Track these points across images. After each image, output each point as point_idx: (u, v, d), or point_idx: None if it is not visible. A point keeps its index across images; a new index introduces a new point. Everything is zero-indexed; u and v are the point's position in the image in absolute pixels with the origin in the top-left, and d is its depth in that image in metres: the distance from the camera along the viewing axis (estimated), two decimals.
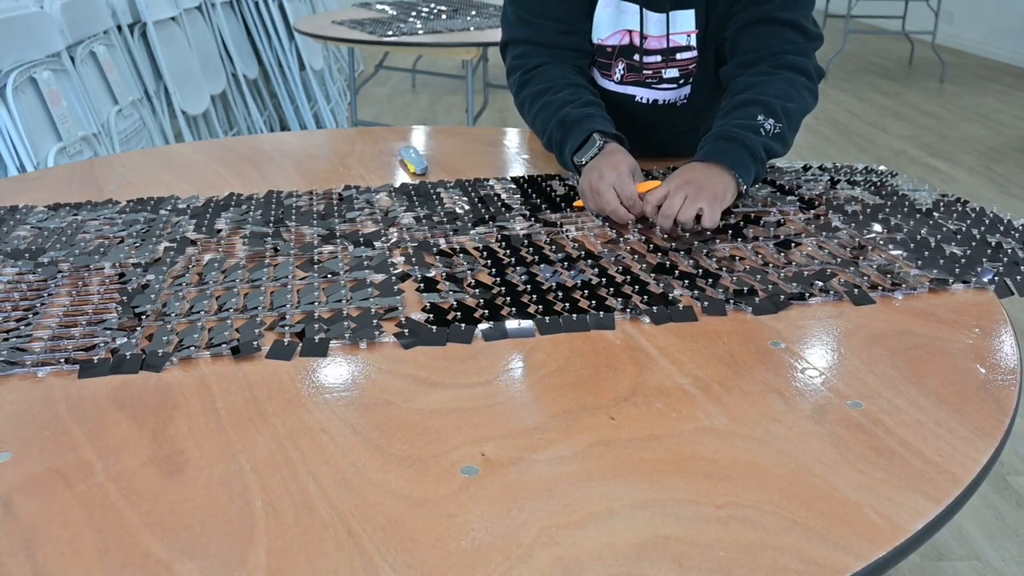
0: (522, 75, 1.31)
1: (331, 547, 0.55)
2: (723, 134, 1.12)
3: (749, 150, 1.10)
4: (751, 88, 1.18)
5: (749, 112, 1.14)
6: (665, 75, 1.29)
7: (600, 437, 0.66)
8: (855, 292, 0.89)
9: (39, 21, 2.58)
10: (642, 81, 1.31)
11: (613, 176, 1.08)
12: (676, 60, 1.28)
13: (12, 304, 0.89)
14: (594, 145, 1.15)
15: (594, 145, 1.15)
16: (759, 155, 1.11)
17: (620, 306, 0.86)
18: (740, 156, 1.09)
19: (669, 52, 1.27)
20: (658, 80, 1.30)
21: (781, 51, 1.21)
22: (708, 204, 1.03)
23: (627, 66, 1.30)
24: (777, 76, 1.18)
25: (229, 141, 1.56)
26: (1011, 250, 1.01)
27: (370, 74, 5.02)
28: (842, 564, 0.53)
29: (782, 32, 1.22)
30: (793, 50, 1.21)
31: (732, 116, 1.15)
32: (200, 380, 0.74)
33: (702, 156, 1.11)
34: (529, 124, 1.33)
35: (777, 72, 1.19)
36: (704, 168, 1.09)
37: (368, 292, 0.90)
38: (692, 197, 1.03)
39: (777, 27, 1.21)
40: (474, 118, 3.69)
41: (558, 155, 1.24)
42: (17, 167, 2.32)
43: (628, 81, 1.31)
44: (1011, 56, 6.57)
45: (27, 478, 0.62)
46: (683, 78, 1.30)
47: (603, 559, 0.53)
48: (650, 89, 1.31)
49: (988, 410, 0.69)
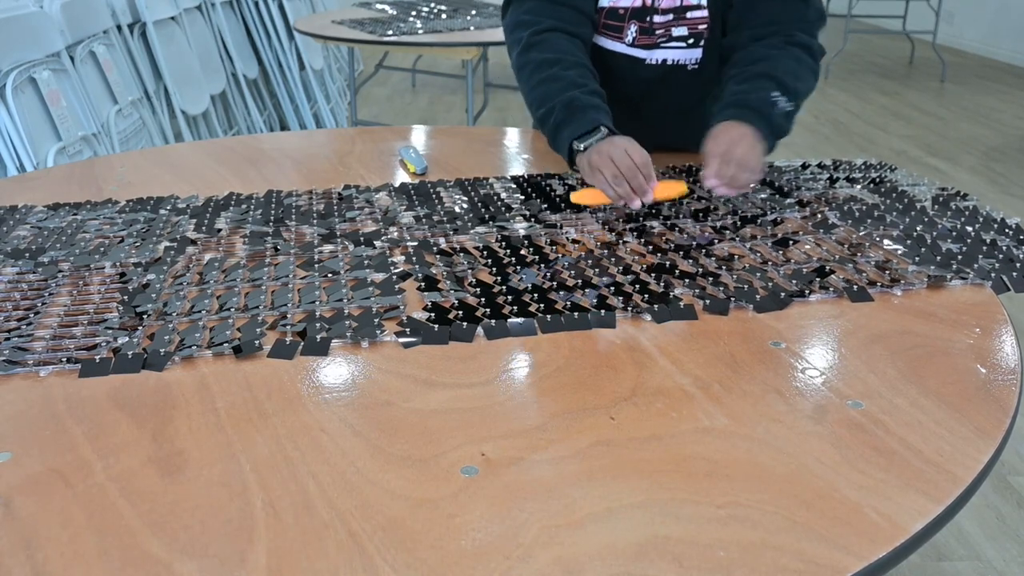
0: (531, 36, 1.27)
1: (331, 547, 0.55)
2: (743, 102, 1.14)
3: (770, 125, 1.13)
4: (764, 60, 1.19)
5: (764, 85, 1.16)
6: (674, 33, 1.29)
7: (600, 437, 0.66)
8: (854, 289, 0.90)
9: (39, 21, 2.58)
10: (654, 44, 1.30)
11: (629, 146, 1.08)
12: (686, 19, 1.28)
13: (13, 304, 0.89)
14: (599, 134, 1.14)
15: (599, 134, 1.14)
16: (774, 130, 1.14)
17: (621, 305, 0.86)
18: (762, 128, 1.12)
19: (681, 11, 1.28)
20: (667, 39, 1.29)
21: (792, 27, 1.23)
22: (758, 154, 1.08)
23: (640, 28, 1.29)
24: (787, 53, 1.21)
25: (229, 141, 1.56)
26: (1006, 247, 1.01)
27: (370, 74, 5.02)
28: (842, 564, 0.53)
29: (793, 8, 1.24)
30: (803, 28, 1.24)
31: (748, 85, 1.17)
32: (200, 380, 0.74)
33: (731, 117, 1.13)
34: (524, 88, 1.29)
35: (787, 48, 1.21)
36: (743, 126, 1.11)
37: (369, 291, 0.90)
38: (747, 145, 1.08)
39: (788, 2, 1.24)
40: (474, 118, 3.69)
41: (552, 133, 1.22)
42: (17, 167, 2.32)
43: (639, 44, 1.31)
44: (1011, 56, 6.57)
45: (27, 478, 0.62)
46: (692, 37, 1.29)
47: (603, 559, 0.53)
48: (659, 49, 1.30)
49: (989, 410, 0.69)
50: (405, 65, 5.95)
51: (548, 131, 1.22)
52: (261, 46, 4.31)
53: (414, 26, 3.31)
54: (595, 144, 1.12)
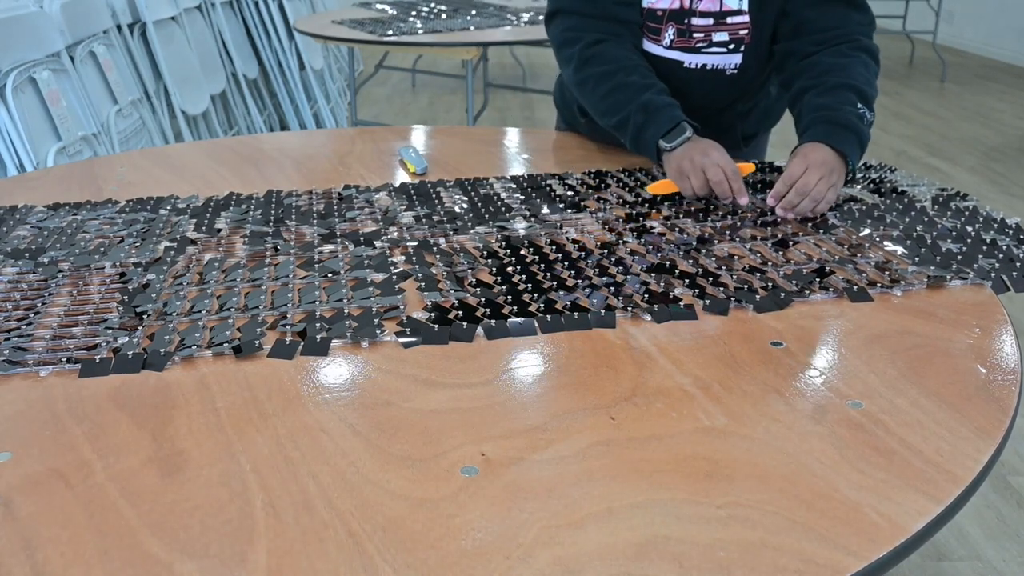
0: (582, 50, 1.29)
1: (331, 547, 0.55)
2: (832, 119, 1.14)
3: (860, 141, 1.14)
4: (839, 70, 1.20)
5: (849, 98, 1.16)
6: (715, 38, 1.29)
7: (600, 437, 0.66)
8: (854, 289, 0.90)
9: (39, 21, 2.58)
10: (691, 46, 1.29)
11: (717, 154, 1.14)
12: (727, 24, 1.28)
13: (13, 304, 0.89)
14: (685, 132, 1.18)
15: (685, 132, 1.18)
16: (863, 146, 1.16)
17: (621, 304, 0.86)
18: (854, 147, 1.14)
19: (721, 16, 1.27)
20: (707, 44, 1.29)
21: (855, 32, 1.24)
22: (834, 187, 1.10)
23: (677, 31, 1.29)
24: (856, 59, 1.21)
25: (229, 141, 1.56)
26: (1005, 247, 1.01)
27: (370, 74, 5.02)
28: (842, 564, 0.53)
29: (852, 12, 1.25)
30: (864, 32, 1.25)
31: (831, 98, 1.17)
32: (200, 380, 0.74)
33: (822, 137, 1.13)
34: (590, 101, 1.31)
35: (855, 55, 1.22)
36: (826, 149, 1.12)
37: (369, 291, 0.90)
38: (826, 177, 1.09)
39: (846, 7, 1.25)
40: (474, 118, 3.69)
41: (633, 135, 1.23)
42: (17, 167, 2.32)
43: (677, 46, 1.30)
44: (1011, 56, 6.57)
45: (27, 478, 0.62)
46: (733, 43, 1.29)
47: (603, 559, 0.53)
48: (699, 54, 1.30)
49: (988, 410, 0.69)
50: (405, 65, 5.96)
51: (629, 135, 1.25)
52: (261, 46, 4.31)
53: (414, 26, 3.31)
54: (683, 146, 1.17)
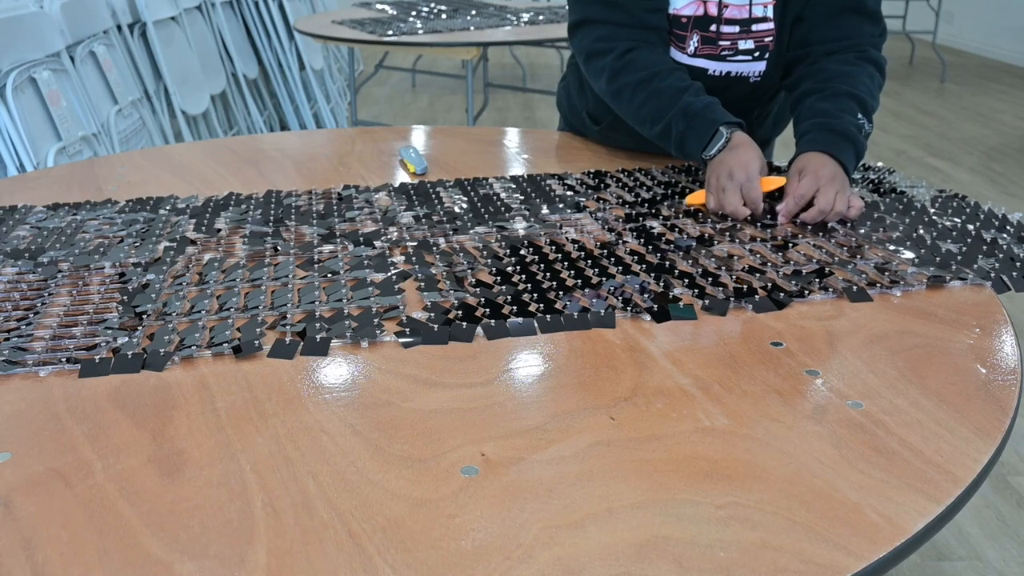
0: (615, 60, 1.26)
1: (331, 547, 0.55)
2: (830, 126, 1.14)
3: (857, 152, 1.15)
4: (843, 78, 1.20)
5: (850, 107, 1.17)
6: (740, 46, 1.27)
7: (600, 437, 0.66)
8: (853, 290, 0.90)
9: (39, 21, 2.58)
10: (716, 54, 1.28)
11: (743, 176, 1.11)
12: (753, 32, 1.27)
13: (13, 304, 0.89)
14: (721, 138, 1.16)
15: (721, 138, 1.16)
16: (859, 157, 1.16)
17: (621, 304, 0.86)
18: (851, 158, 1.14)
19: (747, 23, 1.26)
20: (733, 52, 1.28)
21: (865, 43, 1.25)
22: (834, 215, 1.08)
23: (702, 38, 1.27)
24: (862, 70, 1.22)
25: (229, 141, 1.56)
26: (1007, 246, 1.01)
27: (370, 74, 5.02)
28: (842, 564, 0.53)
29: (866, 24, 1.26)
30: (874, 43, 1.26)
31: (832, 104, 1.17)
32: (200, 380, 0.74)
33: (823, 146, 1.13)
34: (628, 111, 1.28)
35: (861, 65, 1.23)
36: (832, 162, 1.12)
37: (369, 291, 0.90)
38: (842, 192, 1.08)
39: (859, 17, 1.25)
40: (474, 118, 3.69)
41: (677, 144, 1.22)
42: (17, 167, 2.32)
43: (702, 54, 1.28)
44: (1011, 56, 6.57)
45: (27, 478, 0.62)
46: (758, 50, 1.28)
47: (603, 559, 0.53)
48: (724, 62, 1.29)
49: (988, 410, 0.69)
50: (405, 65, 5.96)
51: (673, 144, 1.23)
52: (261, 46, 4.31)
53: (414, 26, 3.31)
54: (719, 155, 1.15)
